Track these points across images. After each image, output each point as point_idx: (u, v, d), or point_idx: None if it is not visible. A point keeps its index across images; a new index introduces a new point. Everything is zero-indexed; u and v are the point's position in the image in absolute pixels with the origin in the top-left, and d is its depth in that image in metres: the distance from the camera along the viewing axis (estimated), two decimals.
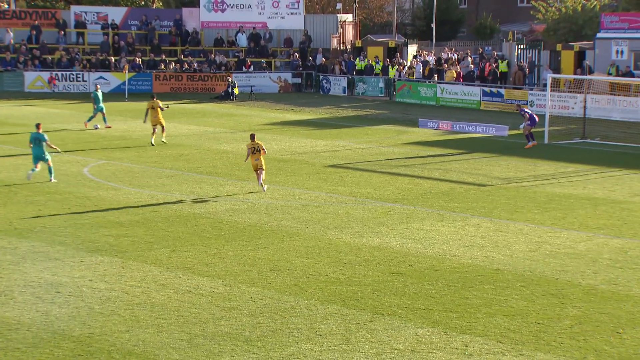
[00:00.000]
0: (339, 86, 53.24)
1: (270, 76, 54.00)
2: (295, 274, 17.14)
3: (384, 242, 19.78)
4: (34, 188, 24.69)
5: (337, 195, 25.00)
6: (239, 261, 17.98)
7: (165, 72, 52.56)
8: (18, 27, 54.90)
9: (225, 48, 56.18)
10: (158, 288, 16.06)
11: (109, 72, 51.83)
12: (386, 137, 37.20)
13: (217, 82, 52.57)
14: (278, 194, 25.06)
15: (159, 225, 20.90)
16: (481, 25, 78.64)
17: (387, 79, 51.95)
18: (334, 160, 31.09)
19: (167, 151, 31.73)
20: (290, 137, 36.38)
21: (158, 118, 33.17)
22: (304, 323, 14.42)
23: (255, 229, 20.81)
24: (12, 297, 15.31)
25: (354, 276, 17.05)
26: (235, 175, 27.73)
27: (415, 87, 50.32)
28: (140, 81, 51.76)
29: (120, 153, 31.26)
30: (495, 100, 47.29)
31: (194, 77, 52.75)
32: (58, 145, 30.22)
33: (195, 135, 36.37)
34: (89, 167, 28.43)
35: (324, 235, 20.27)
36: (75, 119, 39.93)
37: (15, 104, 45.50)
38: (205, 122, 40.48)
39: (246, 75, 53.37)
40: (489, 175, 28.55)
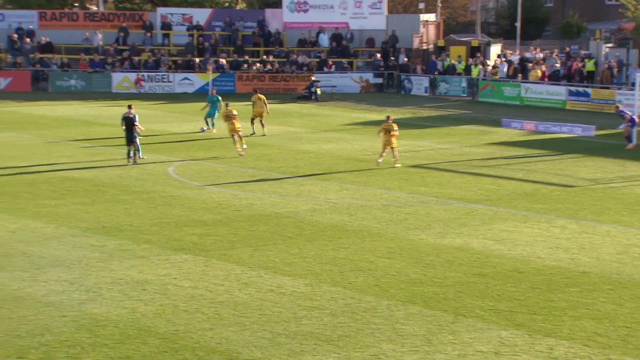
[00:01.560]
0: (420, 86, 52.95)
1: (352, 76, 54.01)
2: (377, 274, 17.12)
3: (467, 243, 19.58)
4: (121, 187, 25.27)
5: (418, 195, 24.86)
6: (321, 261, 18.04)
7: (248, 73, 53.11)
8: (106, 29, 56.27)
9: (307, 48, 56.44)
10: (241, 287, 16.23)
11: (193, 73, 52.64)
12: (469, 137, 36.81)
13: (298, 82, 52.87)
14: (359, 194, 25.05)
15: (241, 225, 21.13)
16: (567, 23, 77.15)
17: (469, 78, 51.42)
18: (416, 160, 30.92)
19: (249, 151, 32.05)
20: (371, 138, 36.33)
21: (261, 110, 35.38)
22: (386, 323, 14.39)
23: (337, 228, 20.85)
24: (100, 294, 15.70)
25: (435, 277, 16.93)
26: (316, 175, 27.83)
27: (498, 87, 49.66)
28: (223, 82, 52.40)
29: (204, 153, 31.72)
30: (582, 100, 46.33)
31: (276, 78, 53.16)
32: (143, 147, 30.84)
33: (277, 135, 36.65)
34: (174, 167, 28.94)
35: (406, 236, 20.18)
36: (160, 120, 40.70)
37: (103, 104, 46.64)
38: (287, 122, 40.76)
39: (328, 75, 53.50)
40: (574, 176, 27.99)
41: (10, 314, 14.56)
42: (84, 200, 23.49)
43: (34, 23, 55.88)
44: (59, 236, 19.66)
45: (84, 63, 52.75)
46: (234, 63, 53.85)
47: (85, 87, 51.75)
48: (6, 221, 20.86)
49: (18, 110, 43.50)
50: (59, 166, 28.48)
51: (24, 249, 18.47)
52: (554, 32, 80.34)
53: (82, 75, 52.10)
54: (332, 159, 30.92)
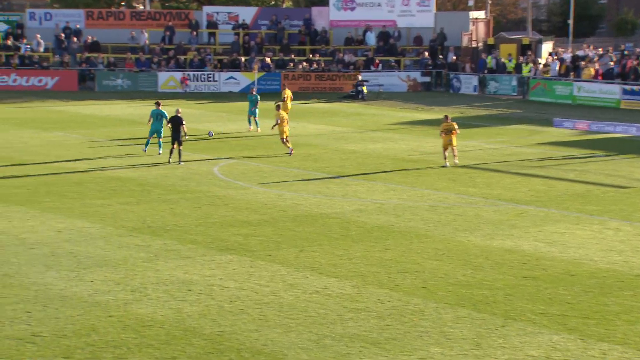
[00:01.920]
0: (469, 85, 52.60)
1: (399, 75, 53.86)
2: (424, 276, 17.05)
3: (516, 245, 19.41)
4: (166, 187, 25.51)
5: (467, 196, 24.71)
6: (367, 262, 18.03)
7: (294, 72, 53.25)
8: (152, 27, 56.85)
9: (354, 47, 56.40)
10: (286, 288, 16.29)
11: (239, 72, 52.95)
12: (519, 137, 36.48)
13: (345, 81, 52.86)
14: (406, 194, 24.97)
15: (286, 225, 21.20)
16: (622, 20, 76.02)
17: (520, 77, 50.95)
18: (464, 160, 30.73)
19: (295, 151, 32.14)
20: (418, 137, 36.20)
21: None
22: (433, 326, 14.33)
23: (383, 229, 20.82)
24: (145, 294, 15.87)
25: (484, 279, 16.81)
26: (363, 175, 27.80)
27: (550, 86, 49.13)
28: (269, 81, 52.63)
29: (249, 152, 31.88)
30: (637, 99, 45.63)
31: (323, 77, 53.22)
32: (190, 145, 31.08)
33: (323, 134, 36.68)
34: (219, 166, 29.13)
35: (454, 237, 20.07)
36: (205, 119, 40.99)
37: (149, 103, 47.09)
38: (333, 122, 40.77)
39: (374, 74, 53.42)
40: (629, 177, 27.58)
41: (57, 313, 14.79)
42: (130, 200, 23.76)
43: (81, 22, 56.68)
44: (105, 236, 19.91)
45: (130, 62, 53.37)
46: (279, 62, 54.04)
47: (131, 87, 52.37)
48: (53, 220, 21.20)
49: (65, 110, 44.17)
50: (105, 166, 28.85)
51: (70, 249, 18.75)
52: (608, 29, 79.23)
53: (128, 74, 52.73)
54: (379, 159, 30.86)
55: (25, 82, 52.04)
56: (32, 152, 31.23)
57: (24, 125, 37.41)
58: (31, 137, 33.71)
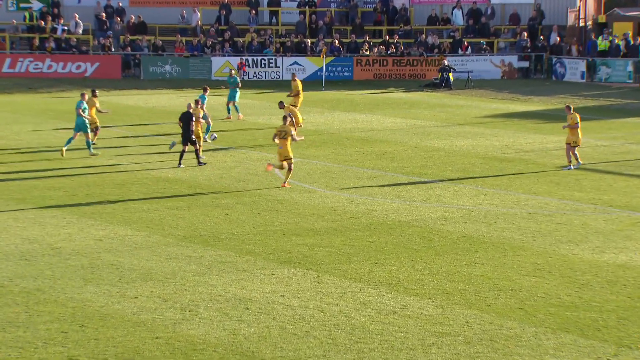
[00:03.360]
0: (576, 70, 52.03)
1: (492, 59, 53.51)
2: (521, 295, 16.92)
3: (632, 260, 19.14)
4: (220, 189, 25.78)
5: (572, 202, 24.43)
6: (452, 278, 17.96)
7: (369, 57, 53.32)
8: (206, 6, 57.53)
9: (439, 27, 56.22)
10: (358, 307, 16.31)
11: (305, 57, 53.21)
12: (635, 133, 35.95)
13: (428, 67, 52.74)
14: (499, 199, 24.79)
15: (358, 234, 21.22)
16: None
17: (637, 61, 50.19)
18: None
19: (369, 148, 32.16)
20: (515, 132, 35.92)
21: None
22: (533, 354, 14.21)
23: (472, 240, 20.70)
24: (197, 312, 16.06)
25: (593, 300, 16.62)
26: (448, 176, 27.69)
27: None
28: (339, 67, 52.78)
29: (316, 150, 32.02)
30: None
31: (402, 62, 53.17)
32: (248, 141, 31.29)
33: (402, 129, 36.64)
34: None
35: (556, 250, 19.87)
36: (266, 111, 41.30)
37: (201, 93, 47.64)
38: (413, 114, 40.70)
39: (463, 58, 53.16)
40: None
41: (97, 334, 15.06)
42: (179, 204, 24.06)
43: (125, 0, 57.63)
44: (151, 245, 20.20)
45: (180, 46, 54.10)
46: (351, 45, 54.16)
47: (181, 74, 53.07)
48: (92, 227, 21.60)
49: (106, 100, 44.96)
50: (152, 165, 29.27)
51: (112, 260, 19.08)
52: None
53: (178, 60, 53.44)
54: (467, 158, 30.70)
55: (61, 68, 53.11)
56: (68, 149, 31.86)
57: (60, 118, 38.20)
58: (68, 132, 34.39)
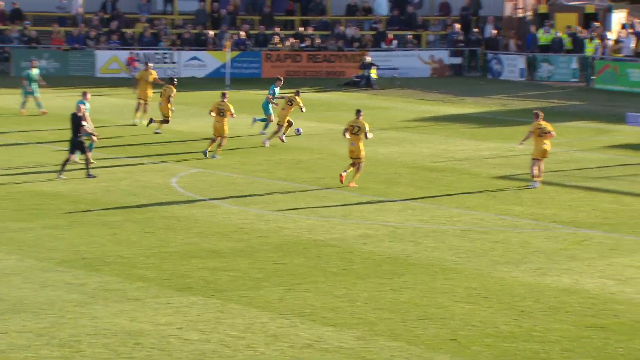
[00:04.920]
0: (514, 68, 52.75)
1: (420, 55, 53.98)
2: (453, 324, 17.08)
3: (577, 283, 19.47)
4: (108, 205, 25.52)
5: (510, 217, 24.75)
6: (376, 306, 18.05)
7: (279, 51, 53.34)
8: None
9: (359, 17, 56.56)
10: (268, 340, 16.29)
11: (206, 51, 53.03)
12: (580, 138, 36.57)
13: (347, 63, 52.97)
14: (428, 214, 24.99)
15: (268, 256, 21.20)
16: None
17: (582, 57, 51.16)
18: (507, 169, 30.80)
19: (280, 156, 32.15)
20: (446, 138, 36.26)
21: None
22: None
23: (398, 262, 20.83)
24: (78, 349, 15.86)
25: (534, 329, 16.86)
26: (371, 189, 27.84)
27: (622, 69, 49.33)
28: (245, 63, 52.70)
29: (220, 159, 31.90)
30: None
31: (317, 57, 53.32)
32: (139, 148, 31.04)
33: (318, 135, 36.71)
34: (178, 177, 29.13)
35: (492, 273, 20.11)
36: (158, 113, 40.97)
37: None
38: (331, 118, 40.81)
39: (387, 54, 53.53)
40: None
41: None
42: (58, 222, 23.76)
43: None
44: (23, 271, 19.89)
45: (59, 37, 53.43)
46: (259, 37, 54.15)
47: (60, 71, 52.34)
48: None
49: None
50: (26, 177, 28.84)
51: None
52: None
53: (56, 53, 52.75)
54: (392, 168, 30.89)
55: None
56: None
57: None
58: None
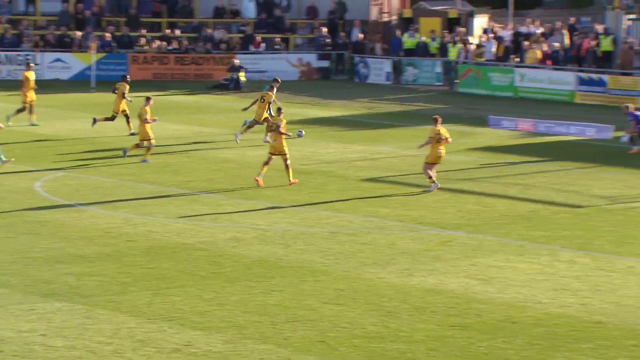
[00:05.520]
0: (380, 71, 53.25)
1: (288, 58, 54.12)
2: (322, 326, 17.16)
3: (442, 283, 19.74)
4: None
5: (377, 219, 24.98)
6: (245, 309, 18.03)
7: (146, 53, 52.90)
8: None
9: (227, 20, 56.43)
10: (135, 346, 16.13)
11: (70, 53, 52.24)
12: None
13: (215, 66, 52.80)
14: (298, 217, 25.07)
15: (136, 260, 21.01)
16: None
17: (446, 61, 51.92)
18: (374, 172, 31.07)
19: (150, 159, 31.89)
20: (314, 141, 36.42)
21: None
22: None
23: (267, 265, 20.85)
24: None
25: (400, 330, 17.03)
26: (240, 192, 27.79)
27: (484, 73, 50.19)
28: (111, 65, 52.05)
29: (86, 162, 31.47)
30: (596, 91, 47.09)
31: (185, 60, 53.04)
32: (5, 153, 30.51)
33: (186, 137, 36.52)
34: (43, 181, 28.65)
35: (360, 274, 20.26)
36: (22, 116, 40.23)
37: None
38: (199, 120, 40.65)
39: (255, 56, 53.54)
40: (585, 193, 28.42)
41: None
42: None
43: None
44: None
45: None
46: (124, 39, 53.59)
47: None
48: None
49: None
50: None
51: None
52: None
53: None
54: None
55: None
56: None
57: None
58: None
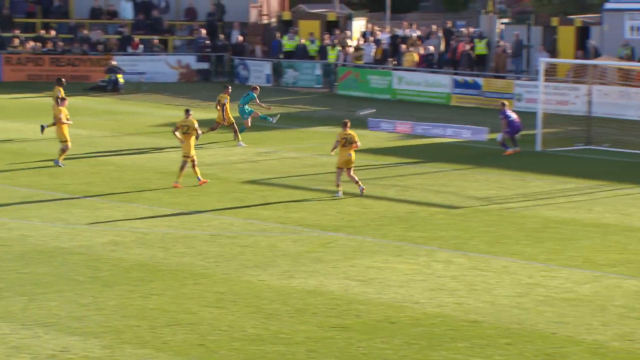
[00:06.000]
0: (260, 73, 53.30)
1: (167, 60, 53.82)
2: (202, 329, 17.09)
3: (322, 284, 19.82)
4: None
5: (258, 221, 24.99)
6: (124, 313, 17.86)
7: (20, 54, 52.03)
8: None
9: (104, 21, 55.81)
10: (9, 352, 15.85)
11: None
12: (324, 143, 37.28)
13: (92, 67, 52.23)
14: (178, 220, 24.93)
15: (10, 265, 20.64)
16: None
17: (325, 64, 52.17)
18: (254, 174, 31.07)
19: (22, 162, 31.35)
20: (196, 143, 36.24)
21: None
22: None
23: (147, 268, 20.70)
24: None
25: (281, 332, 17.05)
26: (118, 195, 27.52)
27: (363, 76, 50.60)
28: None
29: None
30: (471, 93, 47.85)
31: (60, 61, 52.33)
32: None
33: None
34: None
35: (241, 277, 20.24)
36: None
37: None
38: (76, 123, 39.99)
39: (133, 58, 53.08)
40: (461, 194, 28.83)
41: None
42: None
43: None
44: None
45: None
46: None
47: None
48: None
49: None
50: None
51: None
52: (434, 2, 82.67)
53: None
54: (141, 173, 30.66)
55: None
56: None
57: None
58: None
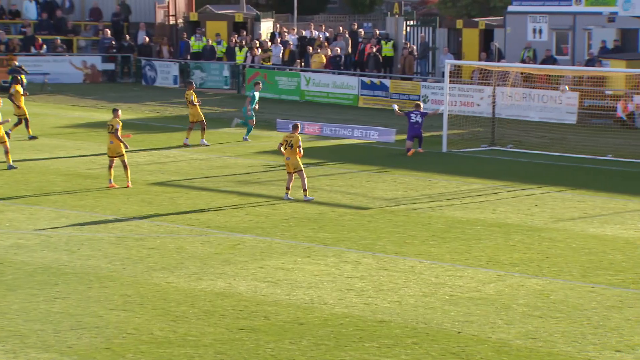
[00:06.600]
0: (167, 75, 53.03)
1: (72, 60, 53.26)
2: (108, 332, 16.95)
3: (231, 286, 19.80)
4: None
5: (166, 223, 24.86)
6: (27, 317, 17.65)
7: None
8: None
9: (7, 21, 55.04)
10: None
11: None
12: (233, 144, 37.23)
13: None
14: (83, 222, 24.69)
15: None
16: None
17: (233, 65, 52.10)
18: (162, 175, 30.91)
19: None
20: (100, 145, 35.89)
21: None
22: None
23: (51, 271, 20.47)
24: None
25: (189, 334, 16.99)
26: (22, 197, 27.17)
27: (271, 77, 50.63)
28: None
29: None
30: (378, 95, 48.15)
31: None
32: None
33: None
34: None
35: (148, 279, 20.12)
36: None
37: None
38: None
39: (37, 58, 52.44)
40: (369, 195, 29.01)
41: None
42: None
43: None
44: None
45: None
46: None
47: None
48: None
49: None
50: None
51: None
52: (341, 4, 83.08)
53: None
54: (45, 175, 30.31)
55: None
56: None
57: None
58: None
